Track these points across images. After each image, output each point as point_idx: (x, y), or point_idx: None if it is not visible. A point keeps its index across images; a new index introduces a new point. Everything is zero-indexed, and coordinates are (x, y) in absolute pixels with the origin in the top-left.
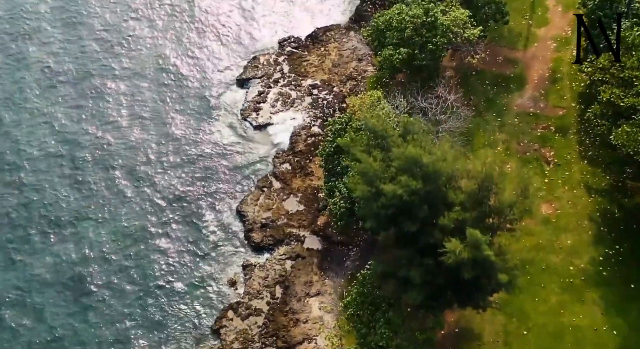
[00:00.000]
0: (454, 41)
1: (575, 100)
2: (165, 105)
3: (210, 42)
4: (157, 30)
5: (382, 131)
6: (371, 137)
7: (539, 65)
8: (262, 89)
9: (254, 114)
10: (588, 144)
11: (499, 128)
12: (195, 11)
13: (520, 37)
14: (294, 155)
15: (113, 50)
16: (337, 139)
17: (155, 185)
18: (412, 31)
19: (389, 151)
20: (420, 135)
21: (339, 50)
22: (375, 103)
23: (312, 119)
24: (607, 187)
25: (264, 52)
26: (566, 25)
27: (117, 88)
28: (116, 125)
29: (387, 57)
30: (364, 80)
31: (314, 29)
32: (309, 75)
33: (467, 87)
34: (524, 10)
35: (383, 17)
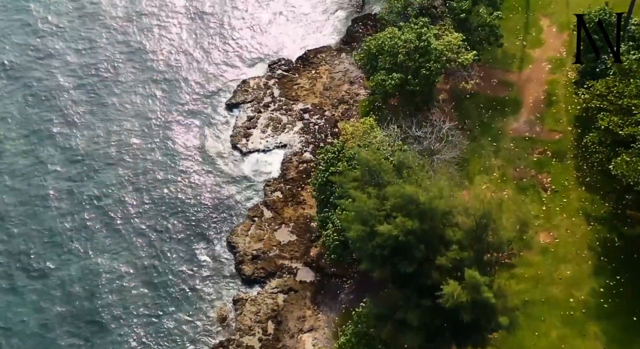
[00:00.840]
0: (447, 66)
1: (572, 123)
2: (152, 131)
3: (198, 66)
4: (142, 56)
5: (375, 166)
6: (364, 171)
7: (534, 88)
8: (252, 114)
9: (244, 140)
10: (586, 169)
11: (495, 153)
12: (183, 35)
13: (514, 59)
14: (285, 183)
15: (93, 78)
16: (329, 169)
17: (141, 215)
18: (404, 56)
19: (383, 186)
20: (414, 169)
21: (330, 72)
22: (368, 131)
23: (303, 145)
24: (606, 215)
25: (253, 76)
26: (561, 46)
27: (103, 114)
28: (100, 153)
29: (379, 82)
30: (356, 104)
31: (304, 51)
32: (300, 99)
33: (462, 111)
34: (518, 31)
35: (375, 41)
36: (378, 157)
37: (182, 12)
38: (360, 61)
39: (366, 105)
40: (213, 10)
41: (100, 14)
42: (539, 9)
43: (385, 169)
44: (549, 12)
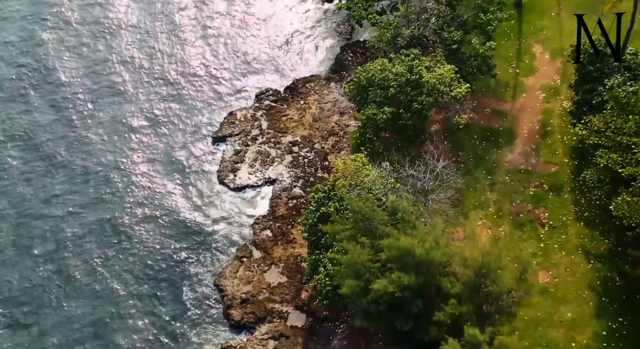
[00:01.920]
0: (440, 100)
1: (568, 155)
2: (134, 167)
3: (182, 97)
4: (122, 88)
5: (368, 213)
6: (357, 219)
7: (529, 118)
8: (239, 148)
9: (231, 175)
10: (584, 204)
11: (490, 187)
12: (166, 65)
13: (507, 87)
14: (274, 220)
15: (70, 111)
16: (320, 209)
17: (122, 256)
18: (396, 89)
19: (377, 235)
20: (409, 214)
21: (320, 103)
22: (360, 168)
23: (293, 180)
24: (606, 252)
25: (240, 107)
26: (554, 73)
27: (82, 150)
28: (78, 192)
29: (370, 116)
30: (346, 136)
31: (292, 81)
32: (289, 131)
33: (455, 143)
34: (510, 58)
35: (365, 73)
36: (371, 204)
37: (164, 41)
38: (350, 93)
39: (357, 137)
40: (196, 39)
41: (78, 49)
42: (531, 35)
43: (379, 217)
44: (541, 38)
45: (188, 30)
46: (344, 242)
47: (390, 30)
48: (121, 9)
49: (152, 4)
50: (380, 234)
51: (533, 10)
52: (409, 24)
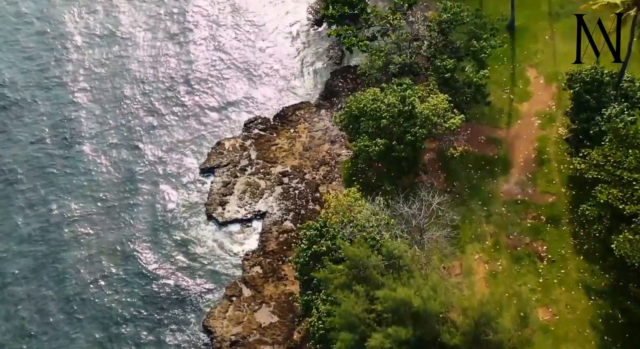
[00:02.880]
0: (434, 132)
1: (565, 185)
2: (119, 200)
3: (168, 127)
4: (106, 116)
5: (363, 259)
6: (352, 265)
7: (524, 146)
8: (228, 179)
9: (220, 208)
10: (583, 236)
11: (486, 219)
12: (150, 94)
13: (502, 114)
14: (265, 256)
15: (53, 139)
16: (312, 247)
17: (106, 296)
18: (388, 121)
19: (372, 282)
20: (405, 260)
21: (310, 131)
22: (353, 204)
23: (283, 213)
24: (607, 288)
25: (229, 136)
26: (550, 99)
27: (62, 186)
28: (59, 229)
29: (362, 148)
30: (337, 166)
31: (282, 108)
32: (279, 161)
33: (449, 172)
34: (504, 83)
35: (356, 103)
36: (365, 250)
37: (149, 68)
38: (341, 123)
39: (349, 167)
40: (182, 66)
41: (58, 80)
42: (525, 59)
43: (374, 263)
44: (535, 62)
45: (174, 57)
46: (337, 292)
47: (382, 57)
48: (101, 43)
49: (138, 31)
50: (375, 282)
51: (526, 33)
52: (400, 52)
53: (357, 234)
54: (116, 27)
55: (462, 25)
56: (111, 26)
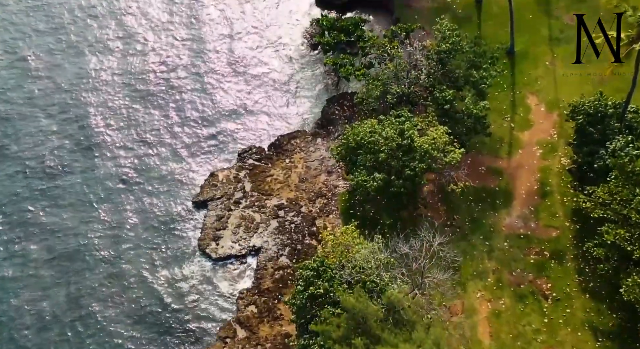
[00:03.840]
0: (433, 167)
1: (569, 218)
2: (109, 236)
3: (160, 158)
4: (94, 150)
5: (362, 311)
6: (351, 317)
7: (526, 176)
8: (221, 213)
9: (213, 244)
10: (588, 273)
11: (488, 254)
12: (141, 122)
13: (502, 143)
14: (260, 294)
15: (41, 173)
16: (309, 288)
17: (92, 338)
18: (386, 155)
19: (372, 335)
20: (406, 311)
21: (306, 161)
22: (351, 243)
23: (279, 248)
24: (615, 328)
25: (222, 167)
26: (551, 127)
27: (45, 223)
28: (48, 266)
29: (360, 182)
30: (335, 198)
31: (277, 137)
32: (274, 193)
33: (450, 204)
34: (505, 111)
35: (353, 136)
36: (364, 300)
37: (141, 96)
38: (338, 155)
39: (346, 199)
40: (174, 93)
41: (41, 109)
42: (525, 86)
43: (373, 314)
44: (536, 89)
45: (164, 84)
46: (335, 347)
47: (379, 86)
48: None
49: (129, 57)
50: (375, 335)
51: (526, 59)
52: (398, 82)
53: (356, 276)
54: (99, 65)
55: (461, 53)
56: (95, 61)
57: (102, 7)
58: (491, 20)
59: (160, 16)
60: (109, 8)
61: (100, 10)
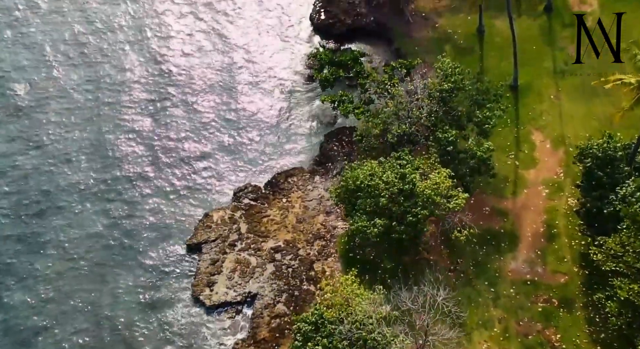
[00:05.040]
0: (436, 213)
1: (577, 263)
2: (97, 281)
3: (151, 198)
4: (82, 190)
5: None
6: None
7: (532, 218)
8: (216, 256)
9: (208, 290)
10: (599, 322)
11: (494, 302)
12: (131, 157)
13: (507, 182)
14: (255, 345)
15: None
16: (307, 344)
17: None
18: (387, 200)
19: None
20: None
21: (304, 200)
22: (351, 295)
23: (276, 294)
24: None
25: (217, 207)
26: (557, 165)
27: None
28: (31, 306)
29: (359, 228)
30: (333, 240)
31: (273, 175)
32: (270, 235)
33: (453, 248)
34: (509, 148)
35: (352, 179)
36: None
37: (131, 132)
38: (337, 198)
39: (345, 241)
40: (168, 128)
41: (25, 145)
42: (529, 121)
43: None
44: (540, 124)
45: (156, 118)
46: None
47: (379, 125)
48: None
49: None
50: None
51: (530, 92)
52: (399, 120)
53: (356, 334)
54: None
55: (464, 91)
56: (81, 98)
57: (75, 51)
58: (493, 51)
59: (150, 48)
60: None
61: (72, 54)
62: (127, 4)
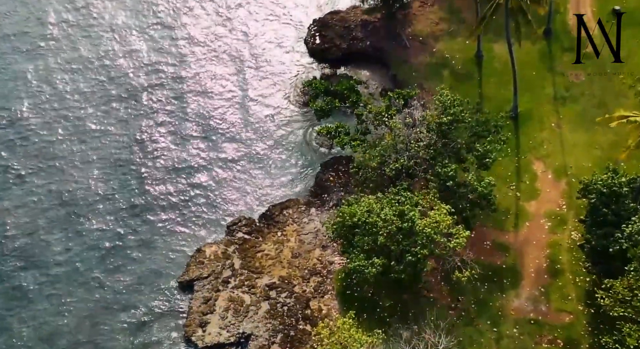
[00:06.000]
0: (436, 252)
1: (583, 301)
2: (85, 325)
3: (142, 232)
4: (70, 226)
5: None
6: None
7: (534, 253)
8: (208, 294)
9: (200, 330)
10: None
11: (497, 342)
12: (123, 189)
13: (508, 215)
14: None
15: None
16: None
17: None
18: (385, 238)
19: None
20: None
21: (299, 234)
22: (349, 341)
23: (271, 334)
24: None
25: (210, 242)
26: (559, 197)
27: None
28: None
29: (357, 268)
30: (330, 276)
31: (268, 207)
32: (265, 270)
33: (454, 285)
34: (509, 178)
35: (350, 215)
36: None
37: (120, 165)
38: (334, 234)
39: (342, 278)
40: (159, 158)
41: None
42: (530, 150)
43: None
44: (542, 154)
45: (148, 149)
46: None
47: (376, 157)
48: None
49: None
50: None
51: (531, 120)
52: (397, 154)
53: None
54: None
55: (463, 123)
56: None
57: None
58: (492, 77)
59: (137, 81)
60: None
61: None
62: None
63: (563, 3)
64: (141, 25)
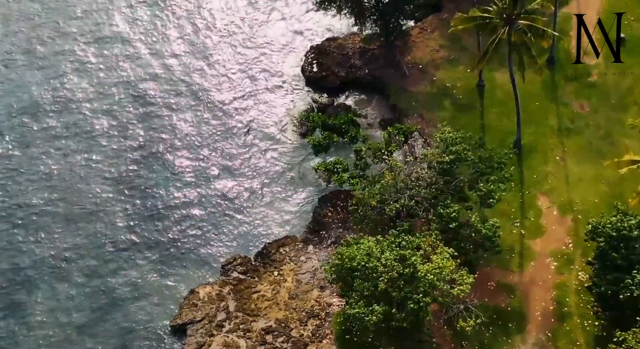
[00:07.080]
0: (440, 301)
1: (591, 347)
2: None
3: (131, 273)
4: (59, 261)
5: None
6: None
7: (540, 295)
8: (202, 339)
9: None
10: None
11: None
12: (116, 233)
13: (512, 254)
14: None
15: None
16: None
17: None
18: (386, 284)
19: None
20: None
21: (296, 273)
22: None
23: None
24: None
25: (204, 283)
26: (565, 234)
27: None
28: None
29: (356, 316)
30: (329, 319)
31: (264, 244)
32: (261, 313)
33: (457, 330)
34: (513, 214)
35: (349, 258)
36: None
37: (109, 199)
38: (331, 276)
39: (341, 321)
40: (151, 193)
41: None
42: (534, 185)
43: None
44: (546, 188)
45: (138, 183)
46: None
47: (376, 196)
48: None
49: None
50: None
51: (535, 153)
52: (397, 194)
53: None
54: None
55: (466, 161)
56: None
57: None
58: (495, 107)
59: (129, 111)
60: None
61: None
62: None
63: (566, 31)
64: (134, 53)
